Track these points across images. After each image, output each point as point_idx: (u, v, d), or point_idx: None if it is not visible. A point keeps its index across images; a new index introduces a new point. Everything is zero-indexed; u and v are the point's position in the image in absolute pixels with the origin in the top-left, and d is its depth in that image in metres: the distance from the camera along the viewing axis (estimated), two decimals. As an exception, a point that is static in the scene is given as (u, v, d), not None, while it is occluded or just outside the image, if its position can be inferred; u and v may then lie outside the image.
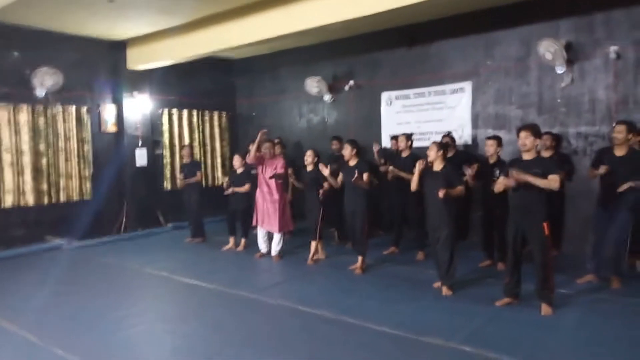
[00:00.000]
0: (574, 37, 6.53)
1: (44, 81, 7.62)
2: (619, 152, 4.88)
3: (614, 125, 5.07)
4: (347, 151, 5.91)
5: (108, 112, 8.71)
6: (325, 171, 5.96)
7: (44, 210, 7.86)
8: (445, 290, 4.98)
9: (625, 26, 6.19)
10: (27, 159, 7.64)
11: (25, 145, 7.63)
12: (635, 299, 4.65)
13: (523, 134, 4.37)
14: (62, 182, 8.05)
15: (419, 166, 5.10)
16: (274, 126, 9.92)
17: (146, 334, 4.29)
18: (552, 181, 4.16)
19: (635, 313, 4.35)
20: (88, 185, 8.37)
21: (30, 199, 7.68)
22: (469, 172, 5.54)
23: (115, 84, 8.76)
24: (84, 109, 8.34)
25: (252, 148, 6.45)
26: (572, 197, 6.23)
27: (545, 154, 5.84)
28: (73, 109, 8.17)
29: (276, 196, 6.50)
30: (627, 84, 6.21)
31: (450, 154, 6.32)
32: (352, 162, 5.91)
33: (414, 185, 5.18)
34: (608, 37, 6.31)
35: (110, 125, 8.73)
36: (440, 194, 4.79)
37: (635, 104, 6.16)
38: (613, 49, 6.19)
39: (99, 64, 8.60)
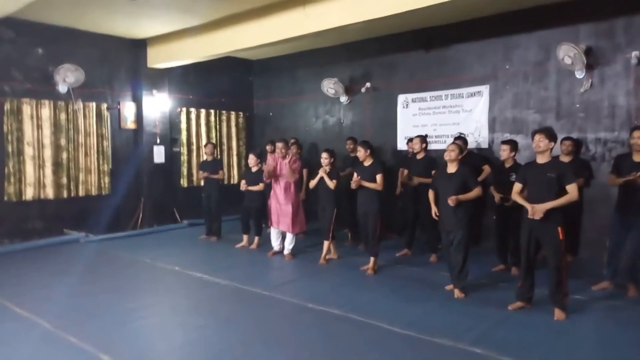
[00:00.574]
0: (594, 42, 6.46)
1: (66, 78, 7.80)
2: (638, 157, 4.81)
3: (631, 130, 4.98)
4: (361, 152, 5.93)
5: (128, 109, 8.86)
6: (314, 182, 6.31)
7: (63, 204, 8.02)
8: (457, 293, 4.95)
9: (647, 32, 6.11)
10: (48, 153, 7.81)
11: (47, 140, 7.80)
12: (651, 307, 4.58)
13: (537, 136, 4.35)
14: (81, 177, 8.21)
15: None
16: (290, 127, 10.01)
17: (158, 326, 4.36)
18: (572, 195, 4.16)
19: (650, 321, 4.28)
20: (107, 180, 8.51)
21: (50, 192, 7.84)
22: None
23: (135, 82, 8.92)
24: (104, 106, 8.50)
25: (267, 171, 6.60)
26: (590, 203, 6.14)
27: (565, 159, 5.78)
28: (94, 105, 8.32)
29: (290, 197, 6.56)
30: (648, 89, 6.12)
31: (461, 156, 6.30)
32: (367, 163, 5.93)
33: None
34: (629, 43, 6.22)
35: (129, 122, 8.88)
36: (451, 202, 4.78)
37: (656, 110, 6.07)
38: (634, 54, 6.10)
39: (120, 62, 8.76)
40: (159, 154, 9.09)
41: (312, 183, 6.42)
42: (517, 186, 4.51)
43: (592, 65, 6.46)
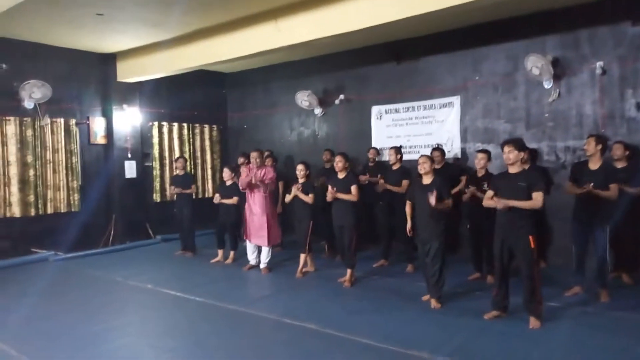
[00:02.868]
0: (560, 53, 6.61)
1: (32, 93, 7.60)
2: (593, 165, 4.93)
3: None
4: (341, 163, 5.88)
5: (97, 124, 8.67)
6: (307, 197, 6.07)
7: (31, 222, 7.76)
8: (433, 303, 4.95)
9: (610, 43, 6.28)
10: (14, 170, 7.57)
11: (13, 157, 7.56)
12: (622, 312, 4.65)
13: (507, 148, 4.41)
14: (49, 194, 7.97)
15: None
16: (265, 139, 9.95)
17: (128, 348, 4.20)
18: (536, 201, 4.23)
19: (621, 326, 4.34)
20: (76, 197, 8.28)
21: (16, 211, 7.58)
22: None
23: (105, 97, 8.75)
24: (73, 121, 8.30)
25: (244, 180, 6.45)
26: (558, 210, 6.22)
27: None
28: (62, 121, 8.12)
29: (264, 209, 6.48)
30: (612, 98, 6.28)
31: (439, 166, 6.36)
32: (342, 175, 5.90)
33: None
34: (594, 53, 6.39)
35: (99, 138, 8.69)
36: (432, 199, 4.76)
37: (621, 118, 6.22)
38: (599, 64, 6.26)
39: (89, 77, 8.58)
40: (130, 169, 8.91)
41: (287, 199, 6.35)
42: (489, 193, 4.56)
43: (559, 76, 6.60)
